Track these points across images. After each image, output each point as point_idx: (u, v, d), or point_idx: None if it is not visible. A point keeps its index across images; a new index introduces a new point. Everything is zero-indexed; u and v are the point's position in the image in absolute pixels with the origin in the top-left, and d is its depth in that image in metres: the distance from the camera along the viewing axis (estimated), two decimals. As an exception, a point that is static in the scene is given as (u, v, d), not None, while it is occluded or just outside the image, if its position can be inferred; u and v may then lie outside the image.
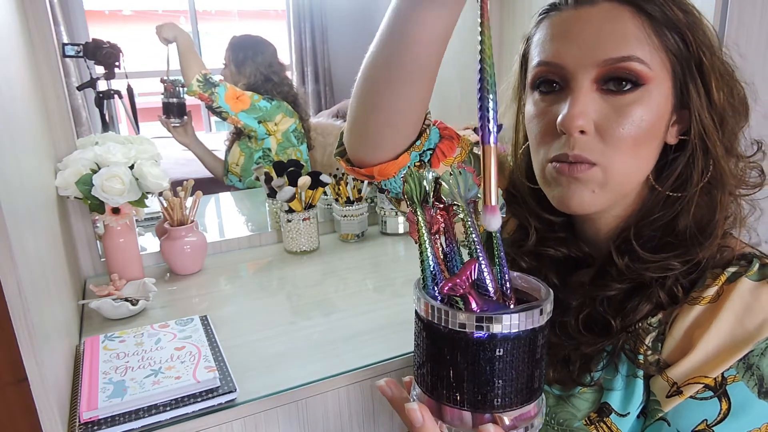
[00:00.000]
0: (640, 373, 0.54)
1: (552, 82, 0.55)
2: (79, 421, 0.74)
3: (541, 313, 0.37)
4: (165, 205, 1.22)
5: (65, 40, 1.47)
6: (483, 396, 0.37)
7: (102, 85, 1.39)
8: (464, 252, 0.43)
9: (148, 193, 1.14)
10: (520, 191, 0.66)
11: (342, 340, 0.96)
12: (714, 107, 0.53)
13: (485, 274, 0.39)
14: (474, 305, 0.37)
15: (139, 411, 0.76)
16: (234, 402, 0.79)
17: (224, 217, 1.77)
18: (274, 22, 2.44)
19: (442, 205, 0.42)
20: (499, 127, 0.37)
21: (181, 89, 1.56)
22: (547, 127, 0.55)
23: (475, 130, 1.60)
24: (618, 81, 0.51)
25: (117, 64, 1.34)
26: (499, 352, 0.36)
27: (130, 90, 1.45)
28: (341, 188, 1.43)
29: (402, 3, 0.49)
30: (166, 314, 1.07)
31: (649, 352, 0.53)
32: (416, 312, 0.40)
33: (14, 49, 0.89)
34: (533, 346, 0.38)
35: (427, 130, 0.64)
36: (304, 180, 1.33)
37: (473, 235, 0.40)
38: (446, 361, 0.38)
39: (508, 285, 0.40)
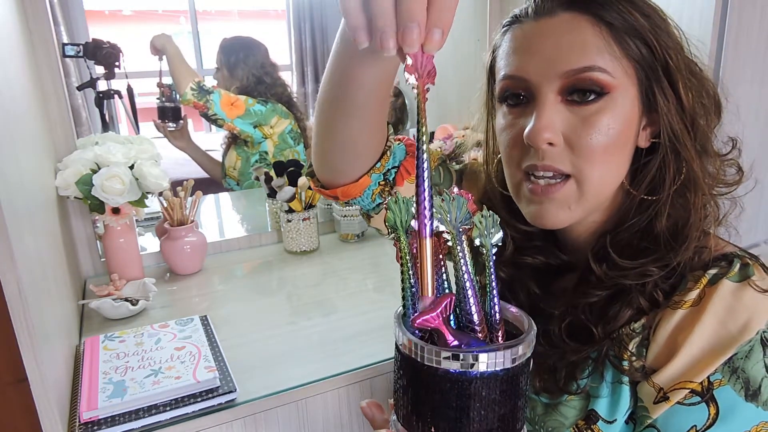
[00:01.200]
0: (626, 379, 0.54)
1: (518, 95, 0.55)
2: (79, 421, 0.74)
3: (519, 351, 0.35)
4: (165, 205, 1.22)
5: (65, 40, 1.47)
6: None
7: (102, 85, 1.39)
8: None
9: (148, 193, 1.14)
10: (493, 201, 0.66)
11: (342, 340, 0.96)
12: (683, 109, 0.52)
13: (471, 305, 0.37)
14: (449, 338, 0.36)
15: (139, 411, 0.76)
16: (234, 402, 0.79)
17: (224, 217, 1.77)
18: (274, 22, 2.44)
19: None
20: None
21: (177, 93, 1.56)
22: (515, 140, 0.56)
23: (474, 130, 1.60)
24: (582, 91, 0.51)
25: (117, 64, 1.34)
26: (475, 389, 0.34)
27: (130, 90, 1.45)
28: (341, 188, 1.43)
29: (340, 51, 0.49)
30: (166, 314, 1.07)
31: (634, 358, 0.53)
32: (395, 343, 0.39)
33: (14, 49, 0.89)
34: (512, 384, 0.35)
35: (388, 152, 0.65)
36: (304, 180, 1.33)
37: (462, 265, 0.38)
38: (422, 396, 0.36)
39: (497, 317, 0.38)
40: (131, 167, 1.11)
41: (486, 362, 0.34)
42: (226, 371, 0.84)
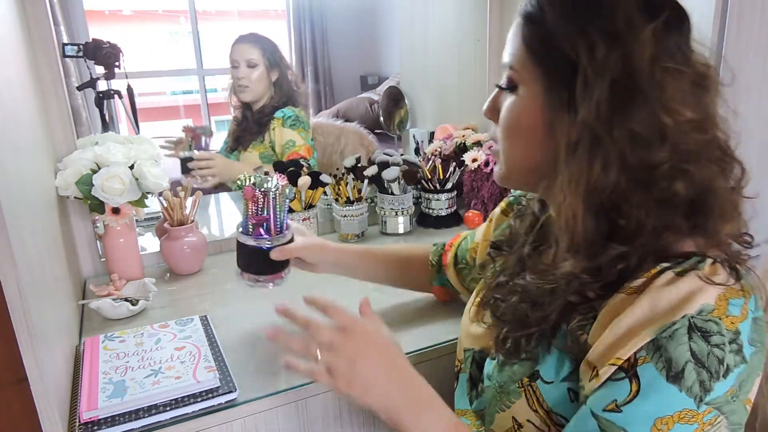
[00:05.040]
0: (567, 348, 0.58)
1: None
2: (79, 421, 0.74)
3: (277, 239, 0.91)
4: (165, 205, 1.22)
5: (65, 40, 1.47)
6: (255, 269, 0.92)
7: (102, 85, 1.39)
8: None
9: (148, 193, 1.14)
10: None
11: (342, 340, 0.96)
12: (598, 115, 0.53)
13: (272, 220, 0.90)
14: (259, 232, 0.90)
15: (139, 411, 0.76)
16: (234, 402, 0.79)
17: (224, 217, 1.77)
18: (274, 22, 2.44)
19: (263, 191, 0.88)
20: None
21: (208, 139, 1.48)
22: None
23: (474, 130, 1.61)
24: (505, 82, 0.62)
25: (117, 64, 1.34)
26: (259, 252, 0.90)
27: (130, 90, 1.45)
28: (341, 188, 1.43)
29: None
30: (166, 314, 1.07)
31: (580, 332, 0.56)
32: (237, 240, 0.92)
33: (14, 49, 0.89)
34: (264, 253, 0.90)
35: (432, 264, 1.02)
36: (304, 180, 1.33)
37: (274, 206, 0.90)
38: (246, 257, 0.92)
39: (286, 224, 0.93)
40: (131, 167, 1.11)
41: (256, 242, 0.90)
42: (226, 371, 0.84)
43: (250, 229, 0.90)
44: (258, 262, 0.90)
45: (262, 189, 0.87)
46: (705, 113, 0.55)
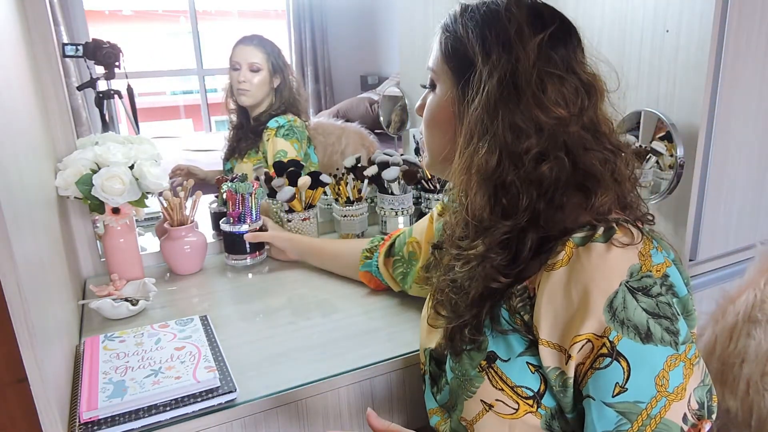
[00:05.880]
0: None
1: None
2: (79, 421, 0.74)
3: (248, 227, 1.28)
4: (165, 205, 1.22)
5: (65, 40, 1.47)
6: (234, 249, 1.30)
7: (102, 85, 1.39)
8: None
9: (148, 193, 1.14)
10: None
11: (342, 340, 0.96)
12: (487, 109, 0.62)
13: (246, 213, 1.27)
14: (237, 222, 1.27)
15: (139, 411, 0.76)
16: (234, 402, 0.80)
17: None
18: (274, 22, 2.44)
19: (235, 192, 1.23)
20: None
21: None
22: None
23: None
24: (428, 82, 0.73)
25: (117, 64, 1.34)
26: (235, 235, 1.27)
27: (130, 90, 1.45)
28: (341, 188, 1.43)
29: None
30: (166, 314, 1.07)
31: (522, 312, 0.62)
32: (221, 229, 1.28)
33: (14, 49, 0.89)
34: (239, 236, 1.28)
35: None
36: (304, 180, 1.33)
37: (248, 203, 1.26)
38: (229, 241, 1.28)
39: (256, 217, 1.28)
40: (131, 167, 1.11)
41: (231, 228, 1.28)
42: (226, 371, 0.84)
43: (231, 220, 1.27)
44: (237, 244, 1.27)
45: (239, 192, 1.25)
46: (584, 113, 0.62)
